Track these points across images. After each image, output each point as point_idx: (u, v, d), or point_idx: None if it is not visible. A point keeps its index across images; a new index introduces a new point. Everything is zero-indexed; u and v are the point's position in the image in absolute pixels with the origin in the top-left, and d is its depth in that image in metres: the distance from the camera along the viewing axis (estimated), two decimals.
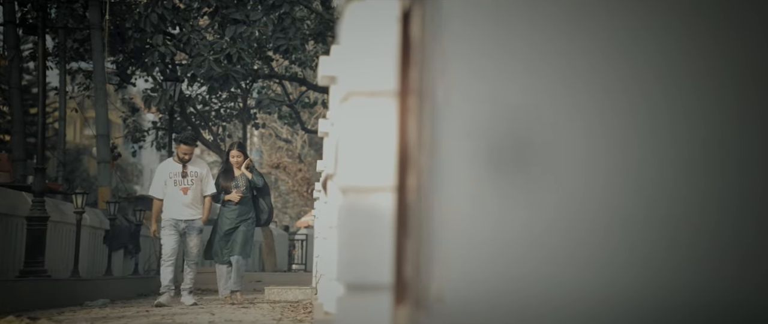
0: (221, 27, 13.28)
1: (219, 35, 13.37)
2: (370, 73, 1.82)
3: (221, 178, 7.33)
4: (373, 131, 1.82)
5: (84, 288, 8.53)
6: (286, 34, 13.24)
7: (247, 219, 7.28)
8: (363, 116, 1.82)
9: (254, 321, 4.99)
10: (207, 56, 12.72)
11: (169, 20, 13.04)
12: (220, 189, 7.26)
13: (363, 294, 1.84)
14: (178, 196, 6.98)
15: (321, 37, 15.28)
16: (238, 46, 12.75)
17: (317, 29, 15.09)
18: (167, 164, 7.25)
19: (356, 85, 1.83)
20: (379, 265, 1.80)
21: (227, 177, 7.32)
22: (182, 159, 7.05)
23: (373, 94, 1.82)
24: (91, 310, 6.45)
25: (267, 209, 7.45)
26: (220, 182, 7.30)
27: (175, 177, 7.03)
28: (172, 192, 7.01)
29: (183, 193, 6.98)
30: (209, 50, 12.78)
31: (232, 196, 7.22)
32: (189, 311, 5.92)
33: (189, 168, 7.06)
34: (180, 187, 7.01)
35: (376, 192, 1.82)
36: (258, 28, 13.03)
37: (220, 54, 12.73)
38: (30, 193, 8.49)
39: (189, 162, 7.07)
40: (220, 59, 12.71)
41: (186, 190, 7.00)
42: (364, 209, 1.82)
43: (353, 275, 1.85)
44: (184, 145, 7.07)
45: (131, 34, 12.86)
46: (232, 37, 12.82)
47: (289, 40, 13.24)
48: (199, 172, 7.10)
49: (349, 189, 1.85)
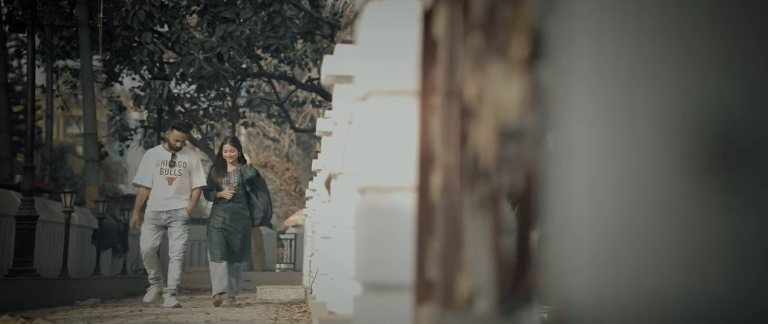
0: (210, 25, 13.21)
1: (208, 33, 13.30)
2: (391, 72, 1.82)
3: (213, 174, 6.83)
4: (393, 130, 1.82)
5: (74, 287, 8.46)
6: (276, 32, 13.19)
7: (242, 218, 6.79)
8: (383, 115, 1.82)
9: (251, 321, 4.97)
10: (197, 55, 12.65)
11: (157, 18, 12.96)
12: (212, 185, 6.78)
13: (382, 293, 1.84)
14: (162, 187, 6.40)
15: (309, 35, 15.25)
16: (228, 44, 12.70)
17: (306, 28, 15.05)
18: (156, 151, 6.66)
19: (376, 85, 1.83)
20: (399, 264, 1.80)
21: (219, 173, 6.82)
22: (174, 146, 6.46)
23: (393, 94, 1.82)
24: (84, 310, 6.40)
25: (262, 207, 6.92)
26: (212, 178, 6.80)
27: (162, 165, 6.45)
28: (157, 181, 6.43)
29: (167, 183, 6.39)
30: (199, 49, 12.72)
31: (224, 194, 6.72)
32: (184, 311, 5.89)
33: (179, 157, 6.47)
34: (165, 176, 6.43)
35: (396, 191, 1.82)
36: (248, 26, 12.97)
37: (210, 53, 12.66)
38: (18, 192, 8.41)
39: (180, 151, 6.49)
40: (211, 58, 12.64)
41: (171, 180, 6.41)
42: (383, 209, 1.82)
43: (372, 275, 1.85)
44: (177, 130, 6.48)
45: (119, 31, 12.77)
46: (222, 36, 12.76)
47: (280, 39, 13.20)
48: (189, 162, 6.52)
49: (368, 189, 1.85)
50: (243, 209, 6.79)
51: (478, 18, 1.20)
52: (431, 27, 1.66)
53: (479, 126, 1.15)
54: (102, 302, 7.82)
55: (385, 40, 1.81)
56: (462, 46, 1.35)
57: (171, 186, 6.40)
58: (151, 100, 13.43)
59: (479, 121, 1.15)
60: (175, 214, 6.39)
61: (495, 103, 1.06)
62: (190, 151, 6.85)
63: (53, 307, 6.99)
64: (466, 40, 1.31)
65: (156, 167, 6.45)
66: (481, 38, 1.19)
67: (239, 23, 12.97)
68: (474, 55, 1.23)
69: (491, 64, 1.10)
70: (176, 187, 6.41)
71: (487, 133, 1.10)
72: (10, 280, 7.38)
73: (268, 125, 24.65)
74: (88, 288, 8.81)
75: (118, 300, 8.40)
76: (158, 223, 6.37)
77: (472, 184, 1.19)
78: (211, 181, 6.77)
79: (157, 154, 6.55)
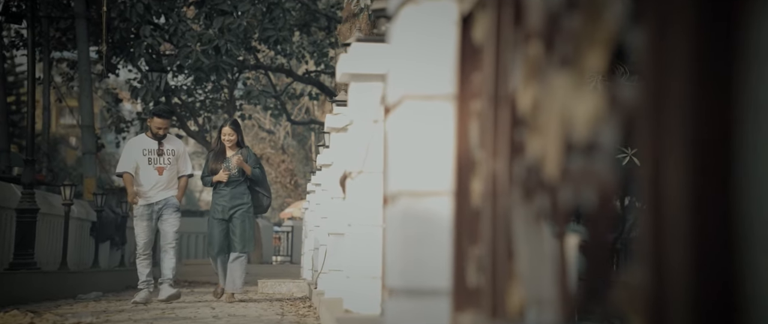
0: (208, 18, 13.16)
1: (205, 25, 13.24)
2: (426, 76, 1.81)
3: (211, 161, 6.43)
4: (428, 135, 1.81)
5: (74, 280, 8.44)
6: (275, 24, 13.15)
7: (242, 205, 6.36)
8: (418, 120, 1.82)
9: (258, 316, 4.97)
10: (194, 47, 12.60)
11: (155, 10, 12.90)
12: (210, 172, 6.38)
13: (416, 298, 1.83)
14: (152, 177, 6.14)
15: (306, 27, 15.21)
16: (226, 37, 12.65)
17: (303, 20, 15.00)
18: (140, 140, 6.33)
19: (411, 89, 1.82)
20: (433, 269, 1.79)
21: (218, 158, 6.40)
22: (157, 134, 6.18)
23: (428, 98, 1.81)
24: (88, 304, 6.38)
25: (267, 195, 6.56)
26: (210, 164, 6.41)
27: (150, 155, 6.16)
28: (146, 172, 6.14)
29: (158, 173, 6.14)
30: (197, 41, 12.66)
31: (220, 177, 6.29)
32: (189, 305, 5.87)
33: (165, 145, 6.21)
34: (154, 166, 6.16)
35: (431, 196, 1.81)
36: (247, 19, 12.92)
37: (208, 45, 12.61)
38: (17, 184, 8.37)
39: (165, 138, 6.23)
40: (208, 50, 12.59)
41: (161, 170, 6.16)
42: (418, 213, 1.82)
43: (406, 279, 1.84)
44: (158, 117, 6.21)
45: (117, 23, 12.70)
46: (220, 29, 12.70)
47: (279, 31, 13.15)
48: (177, 150, 6.27)
49: (401, 193, 1.84)
50: (243, 195, 6.39)
51: (535, 27, 1.20)
52: (470, 32, 1.65)
53: (539, 136, 1.14)
54: (104, 295, 7.81)
55: (420, 44, 1.80)
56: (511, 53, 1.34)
57: (162, 175, 6.16)
58: (148, 92, 13.37)
59: (539, 132, 1.15)
60: (167, 202, 6.16)
61: (560, 115, 1.05)
62: (175, 138, 6.59)
63: (55, 300, 6.97)
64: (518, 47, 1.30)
65: (143, 157, 6.17)
66: (539, 47, 1.18)
67: (237, 16, 12.91)
68: (530, 64, 1.22)
69: (554, 75, 1.09)
70: (167, 176, 6.18)
71: (549, 144, 1.09)
72: (11, 273, 7.36)
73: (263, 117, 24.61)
74: (88, 281, 8.79)
75: (119, 293, 8.39)
76: (151, 216, 6.14)
77: (530, 194, 1.18)
78: (209, 167, 6.41)
79: (142, 143, 6.25)
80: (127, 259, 11.65)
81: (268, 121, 24.95)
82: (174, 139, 6.53)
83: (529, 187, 1.19)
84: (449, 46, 1.78)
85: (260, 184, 6.54)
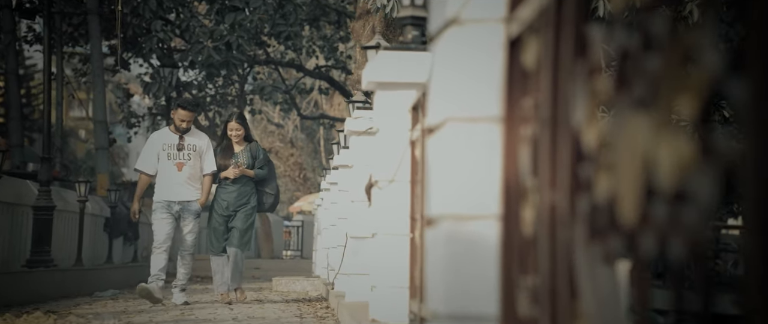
0: (219, 13, 13.13)
1: (217, 21, 13.22)
2: (470, 98, 1.79)
3: (219, 156, 6.20)
4: (472, 157, 1.79)
5: (89, 277, 8.47)
6: (287, 19, 13.11)
7: (246, 204, 6.23)
8: (461, 142, 1.79)
9: (277, 318, 4.96)
10: (206, 43, 12.58)
11: (167, 6, 12.89)
12: (218, 168, 6.17)
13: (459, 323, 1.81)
14: (172, 174, 5.87)
15: (315, 22, 15.17)
16: (237, 33, 12.63)
17: (312, 14, 14.96)
18: (162, 134, 6.08)
19: (455, 111, 1.79)
20: (479, 294, 1.77)
21: (226, 154, 6.23)
22: (179, 128, 5.90)
23: (473, 121, 1.78)
24: (107, 303, 6.39)
25: (273, 193, 6.41)
26: (217, 160, 6.17)
27: (170, 149, 5.91)
28: (165, 168, 5.89)
29: (177, 169, 5.87)
30: (208, 37, 12.65)
31: (228, 173, 6.12)
32: (208, 306, 5.87)
33: (186, 139, 5.92)
34: (174, 161, 5.89)
35: (475, 220, 1.79)
36: (259, 15, 12.90)
37: (219, 41, 12.60)
38: (33, 180, 8.39)
39: (188, 133, 5.94)
40: (220, 47, 12.58)
41: (181, 165, 5.88)
42: (462, 237, 1.79)
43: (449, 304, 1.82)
44: (183, 109, 5.92)
45: (129, 19, 12.70)
46: (231, 25, 12.68)
47: (290, 26, 13.12)
48: (199, 145, 5.97)
49: (444, 216, 1.82)
50: (250, 195, 6.25)
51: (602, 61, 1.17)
52: (519, 55, 1.62)
53: (610, 175, 1.11)
54: (120, 293, 7.83)
55: (464, 65, 1.78)
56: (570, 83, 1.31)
57: (181, 172, 5.89)
58: (159, 88, 13.38)
59: (610, 170, 1.12)
60: (186, 207, 5.91)
61: (638, 157, 1.02)
62: (199, 133, 6.19)
63: (72, 298, 6.99)
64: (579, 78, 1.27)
65: (163, 152, 5.91)
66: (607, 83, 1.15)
67: (249, 12, 12.88)
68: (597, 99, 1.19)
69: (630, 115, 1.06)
70: (187, 173, 5.90)
71: (624, 186, 1.06)
72: (29, 271, 7.37)
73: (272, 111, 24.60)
74: (103, 277, 8.82)
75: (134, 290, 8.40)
76: (171, 211, 5.88)
77: (599, 235, 1.15)
78: (217, 163, 6.18)
79: (163, 137, 5.99)
80: (140, 254, 11.68)
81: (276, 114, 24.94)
82: (198, 133, 6.17)
83: (597, 225, 1.16)
84: (494, 69, 1.75)
85: (266, 182, 6.42)
